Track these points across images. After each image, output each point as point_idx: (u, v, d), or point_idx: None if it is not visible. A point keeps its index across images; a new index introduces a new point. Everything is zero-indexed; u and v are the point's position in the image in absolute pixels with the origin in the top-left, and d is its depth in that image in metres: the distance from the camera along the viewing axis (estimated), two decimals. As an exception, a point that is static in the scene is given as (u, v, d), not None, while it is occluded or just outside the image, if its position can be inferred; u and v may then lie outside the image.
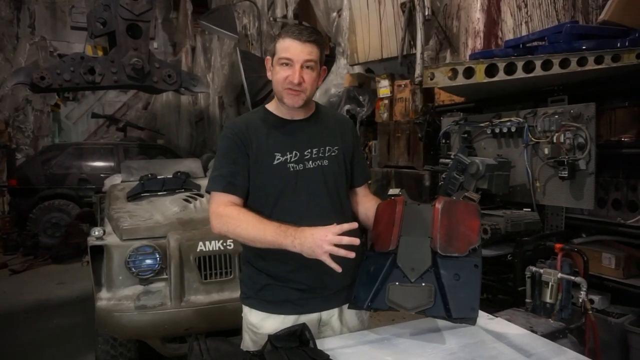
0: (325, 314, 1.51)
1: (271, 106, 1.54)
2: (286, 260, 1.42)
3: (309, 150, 1.48)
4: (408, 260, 1.32)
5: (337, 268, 1.25)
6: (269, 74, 1.46)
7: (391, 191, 1.52)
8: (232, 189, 1.43)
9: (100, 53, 7.28)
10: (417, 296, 1.26)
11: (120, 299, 2.48)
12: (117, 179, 3.96)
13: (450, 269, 1.30)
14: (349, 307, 1.43)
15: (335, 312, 1.52)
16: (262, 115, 1.52)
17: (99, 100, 9.33)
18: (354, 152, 1.61)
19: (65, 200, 6.68)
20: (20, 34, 8.46)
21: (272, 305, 1.47)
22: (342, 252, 1.23)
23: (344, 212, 1.54)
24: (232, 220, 1.38)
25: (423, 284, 1.28)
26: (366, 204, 1.63)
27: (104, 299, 2.49)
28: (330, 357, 1.20)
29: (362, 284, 1.37)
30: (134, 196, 3.24)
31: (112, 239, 2.63)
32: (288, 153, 1.46)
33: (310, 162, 1.48)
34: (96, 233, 2.63)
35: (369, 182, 1.77)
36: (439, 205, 1.38)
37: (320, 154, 1.50)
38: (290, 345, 1.23)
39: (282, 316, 1.46)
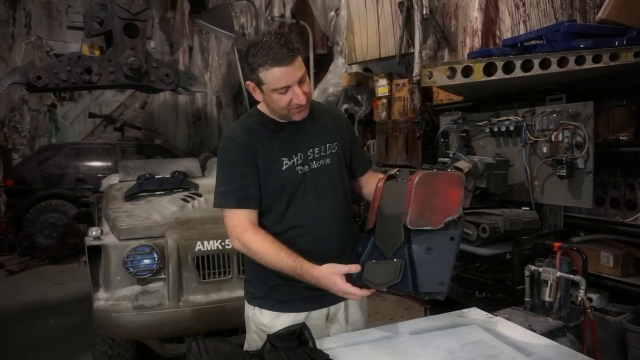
0: (332, 309, 1.55)
1: (265, 109, 1.50)
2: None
3: (311, 150, 1.49)
4: (383, 237, 1.33)
5: (361, 294, 1.30)
6: (258, 97, 1.43)
7: (391, 171, 1.50)
8: (246, 203, 1.43)
9: (97, 52, 7.27)
10: (387, 272, 1.25)
11: (118, 299, 2.47)
12: (114, 178, 3.94)
13: (423, 244, 1.26)
14: None
15: (341, 305, 1.57)
16: (259, 120, 1.49)
17: (96, 100, 9.30)
18: (352, 144, 1.62)
19: (62, 200, 6.66)
20: (16, 34, 8.41)
21: (283, 304, 1.49)
22: (359, 292, 1.29)
23: (348, 209, 1.59)
24: (250, 247, 1.41)
25: (394, 260, 1.26)
26: (370, 182, 1.65)
27: (102, 299, 2.47)
28: (330, 357, 1.20)
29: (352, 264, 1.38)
30: (131, 196, 3.23)
31: (109, 239, 2.61)
32: (294, 156, 1.46)
33: (314, 163, 1.49)
34: (94, 233, 2.62)
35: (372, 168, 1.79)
36: (414, 179, 1.31)
37: (322, 153, 1.51)
38: (290, 345, 1.22)
39: (294, 314, 1.48)
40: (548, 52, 2.53)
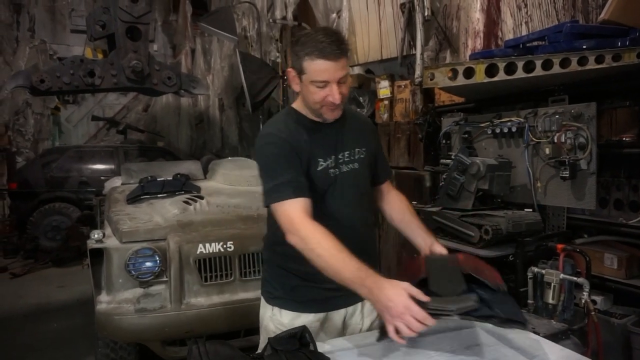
0: (350, 309, 1.56)
1: (301, 108, 1.50)
2: None
3: (342, 154, 1.51)
4: (440, 285, 1.27)
5: (401, 341, 1.14)
6: (295, 87, 1.42)
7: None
8: (302, 192, 1.37)
9: (100, 56, 7.29)
10: (461, 301, 1.22)
11: (120, 302, 2.47)
12: (117, 181, 3.95)
13: (486, 289, 1.28)
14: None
15: (358, 306, 1.58)
16: (296, 119, 1.49)
17: (99, 103, 9.33)
18: (377, 149, 1.64)
19: (66, 203, 6.68)
20: (19, 37, 8.45)
21: (303, 305, 1.50)
22: (407, 332, 1.11)
23: (370, 214, 1.61)
24: (311, 241, 1.30)
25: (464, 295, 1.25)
26: (390, 200, 1.68)
27: (104, 302, 2.48)
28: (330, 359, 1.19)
29: None
30: (133, 198, 3.23)
31: (111, 242, 2.62)
32: (328, 158, 1.48)
33: (344, 166, 1.51)
34: (96, 236, 2.62)
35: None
36: (460, 255, 1.46)
37: (352, 157, 1.53)
38: (291, 348, 1.22)
39: (313, 314, 1.49)
40: (550, 53, 2.52)
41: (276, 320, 1.53)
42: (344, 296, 1.48)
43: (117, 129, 7.92)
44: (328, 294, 1.48)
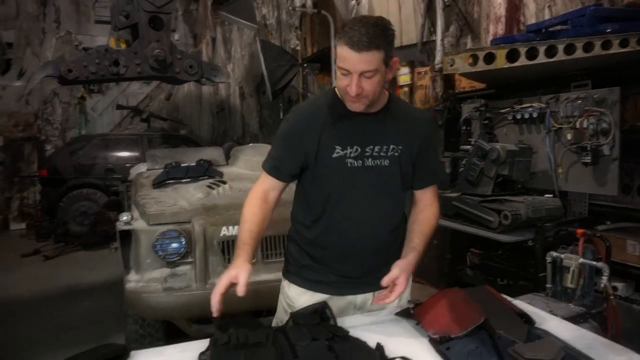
0: (360, 298, 1.53)
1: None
2: (326, 247, 1.47)
3: (371, 147, 1.42)
4: (505, 327, 1.22)
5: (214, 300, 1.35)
6: (335, 67, 1.40)
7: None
8: (276, 173, 1.46)
9: (123, 46, 7.44)
10: (550, 348, 1.14)
11: (148, 281, 2.57)
12: (142, 167, 4.07)
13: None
14: None
15: (370, 296, 1.54)
16: (330, 100, 1.44)
17: (123, 92, 9.52)
18: (421, 152, 1.48)
19: (93, 189, 6.89)
20: (46, 29, 8.66)
21: (310, 283, 1.52)
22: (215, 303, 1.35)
23: (395, 216, 1.50)
24: (242, 217, 1.47)
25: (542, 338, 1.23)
26: (419, 209, 1.54)
27: (133, 281, 2.58)
28: (350, 333, 1.25)
29: None
30: (159, 183, 3.33)
31: (139, 224, 2.71)
32: (349, 147, 1.40)
33: (370, 160, 1.42)
34: (124, 218, 2.73)
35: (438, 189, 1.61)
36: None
37: (382, 153, 1.43)
38: (312, 322, 1.28)
39: (318, 294, 1.51)
40: (573, 37, 2.49)
41: (285, 292, 1.58)
42: (354, 284, 1.49)
43: (141, 117, 8.09)
44: (336, 279, 1.49)
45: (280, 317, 1.59)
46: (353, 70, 1.27)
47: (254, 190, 1.49)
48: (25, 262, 5.66)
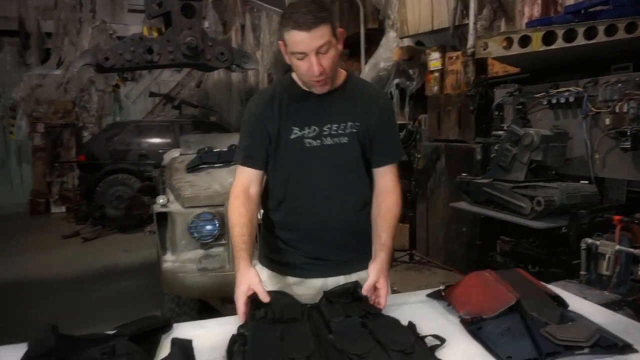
0: (331, 281, 1.50)
1: (296, 77, 1.45)
2: (292, 229, 1.46)
3: (329, 125, 1.42)
4: (538, 309, 1.22)
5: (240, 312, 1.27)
6: (286, 59, 1.39)
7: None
8: (250, 162, 1.45)
9: (155, 34, 7.59)
10: (583, 330, 1.13)
11: (183, 261, 2.68)
12: (175, 152, 4.20)
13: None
14: None
15: (340, 279, 1.50)
16: (286, 86, 1.46)
17: (155, 80, 9.75)
18: (379, 129, 1.47)
19: (128, 174, 7.13)
20: (82, 19, 8.94)
21: (280, 267, 1.51)
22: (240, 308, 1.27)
23: (360, 193, 1.48)
24: (230, 218, 1.44)
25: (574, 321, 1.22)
26: (379, 193, 1.49)
27: (169, 261, 2.70)
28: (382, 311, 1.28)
29: (506, 344, 1.13)
30: (192, 168, 3.44)
31: (175, 207, 2.82)
32: (306, 128, 1.41)
33: (329, 139, 1.42)
34: (161, 201, 2.84)
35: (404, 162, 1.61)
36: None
37: (340, 131, 1.42)
38: (345, 301, 1.32)
39: (288, 277, 1.51)
40: (615, 17, 2.40)
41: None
42: (323, 267, 1.49)
43: (173, 105, 8.27)
44: (305, 261, 1.48)
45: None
46: (309, 50, 1.28)
47: (233, 190, 1.46)
48: (65, 244, 5.96)
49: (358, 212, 1.48)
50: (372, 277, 1.31)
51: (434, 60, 4.49)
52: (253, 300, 1.25)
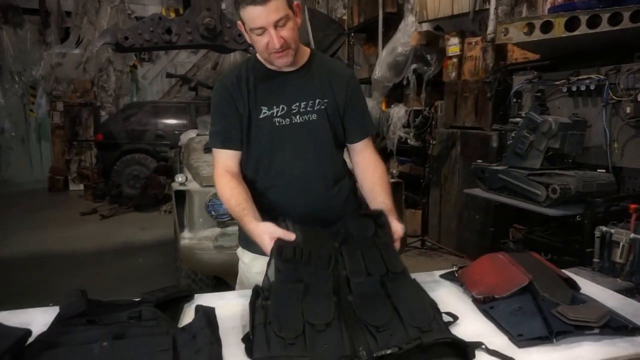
0: None
1: (259, 53, 1.44)
2: (268, 209, 1.45)
3: (297, 103, 1.43)
4: (550, 290, 1.24)
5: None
6: (247, 38, 1.39)
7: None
8: (230, 144, 1.45)
9: (172, 15, 7.61)
10: (594, 311, 1.15)
11: (200, 239, 2.75)
12: (192, 133, 4.26)
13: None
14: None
15: None
16: (252, 66, 1.46)
17: (172, 61, 9.79)
18: (349, 104, 1.49)
19: (144, 154, 7.24)
20: (101, -1, 8.99)
21: (260, 247, 1.47)
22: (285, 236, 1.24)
23: (331, 170, 1.50)
24: (223, 197, 1.42)
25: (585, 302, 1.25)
26: (363, 165, 1.54)
27: (187, 238, 2.77)
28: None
29: (518, 323, 1.15)
30: (210, 148, 3.48)
31: (193, 185, 2.88)
32: (275, 107, 1.42)
33: (298, 117, 1.43)
34: (179, 179, 2.90)
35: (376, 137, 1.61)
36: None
37: (309, 108, 1.44)
38: (367, 234, 1.28)
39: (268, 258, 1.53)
40: (641, 3, 2.36)
41: (240, 259, 1.59)
42: None
43: (189, 86, 8.32)
44: None
45: (241, 280, 1.61)
46: (267, 24, 1.28)
47: (217, 173, 1.45)
48: (84, 220, 6.11)
49: (330, 189, 1.50)
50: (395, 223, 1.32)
51: (453, 45, 4.44)
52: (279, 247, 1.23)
